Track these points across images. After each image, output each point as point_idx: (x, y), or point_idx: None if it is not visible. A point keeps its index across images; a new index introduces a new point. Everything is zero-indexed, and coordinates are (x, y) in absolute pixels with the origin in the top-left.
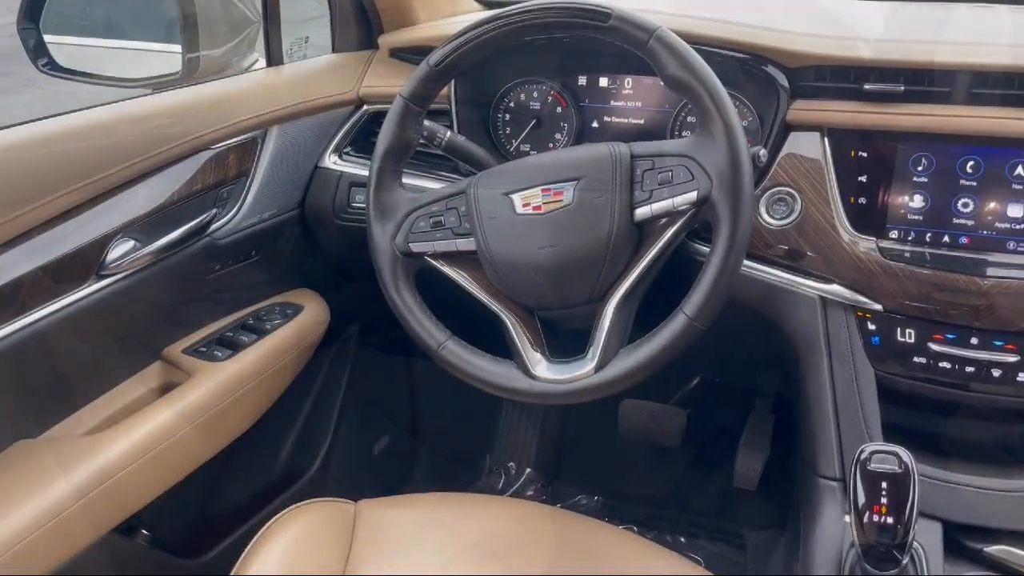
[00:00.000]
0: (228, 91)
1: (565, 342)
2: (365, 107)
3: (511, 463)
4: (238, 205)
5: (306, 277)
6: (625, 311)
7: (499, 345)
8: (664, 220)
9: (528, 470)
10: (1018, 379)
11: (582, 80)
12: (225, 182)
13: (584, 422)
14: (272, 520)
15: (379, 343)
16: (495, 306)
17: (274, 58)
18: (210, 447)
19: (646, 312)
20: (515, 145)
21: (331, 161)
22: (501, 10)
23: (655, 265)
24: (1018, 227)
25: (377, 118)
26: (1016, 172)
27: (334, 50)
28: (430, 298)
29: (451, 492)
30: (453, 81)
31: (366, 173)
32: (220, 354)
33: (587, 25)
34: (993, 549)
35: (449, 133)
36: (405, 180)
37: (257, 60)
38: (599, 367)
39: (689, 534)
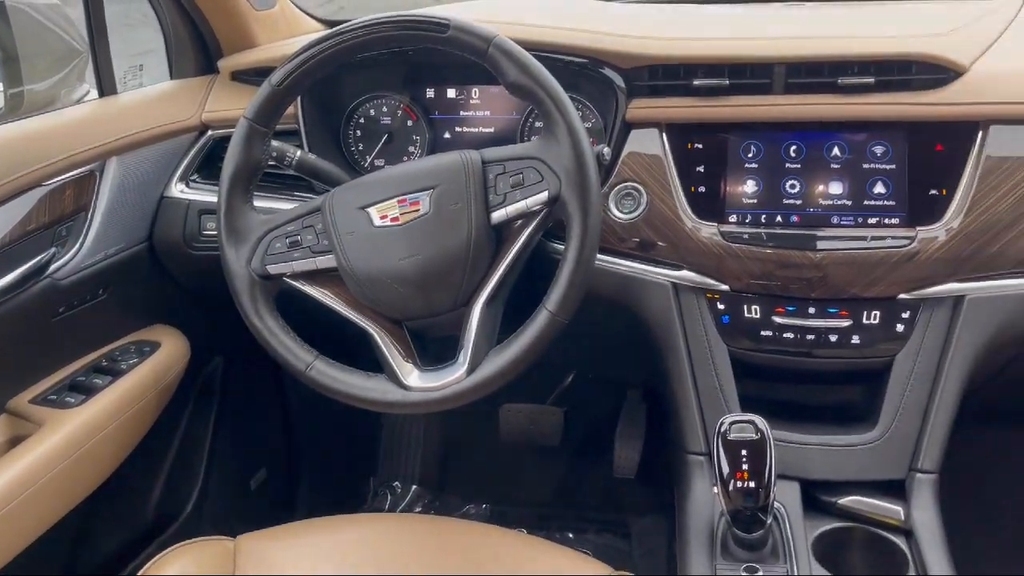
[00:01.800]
0: (58, 124)
1: (436, 350)
2: (210, 132)
3: (396, 483)
4: (79, 242)
5: (162, 312)
6: (491, 313)
7: (371, 360)
8: (520, 221)
9: (414, 487)
10: (852, 342)
11: (430, 92)
12: (63, 219)
13: (466, 431)
14: (147, 565)
15: (246, 373)
16: (361, 321)
17: (106, 88)
18: (69, 499)
19: (516, 313)
20: (369, 161)
21: (177, 190)
22: (341, 26)
23: (516, 266)
24: (839, 202)
25: (223, 143)
26: (833, 153)
27: (172, 77)
28: (295, 320)
29: (333, 516)
30: (299, 100)
31: (215, 199)
32: (72, 400)
33: (426, 37)
34: (846, 500)
35: (299, 152)
36: (258, 203)
37: (88, 91)
38: (471, 370)
39: (577, 529)
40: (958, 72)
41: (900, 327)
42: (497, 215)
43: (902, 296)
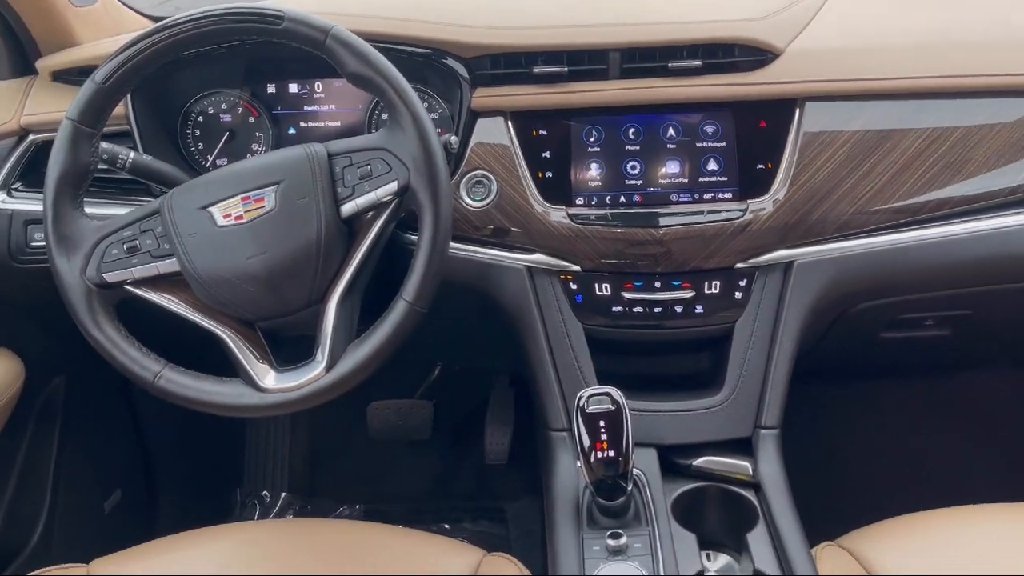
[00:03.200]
0: None
1: (293, 349)
2: (31, 137)
3: (264, 491)
4: None
5: None
6: (347, 308)
7: (227, 365)
8: (371, 213)
9: (283, 494)
10: (696, 311)
11: (271, 88)
12: None
13: (334, 433)
14: None
15: (91, 390)
16: (211, 325)
17: None
18: None
19: (377, 307)
20: (211, 160)
21: None
22: (168, 20)
23: (370, 258)
24: (677, 181)
25: (46, 147)
26: (668, 134)
27: None
28: (140, 330)
29: (194, 531)
30: (129, 99)
31: (41, 208)
32: None
33: (260, 30)
34: (699, 461)
35: (133, 154)
36: (91, 210)
37: None
38: (329, 367)
39: (452, 520)
40: (775, 54)
41: (738, 294)
42: (347, 208)
43: (738, 265)
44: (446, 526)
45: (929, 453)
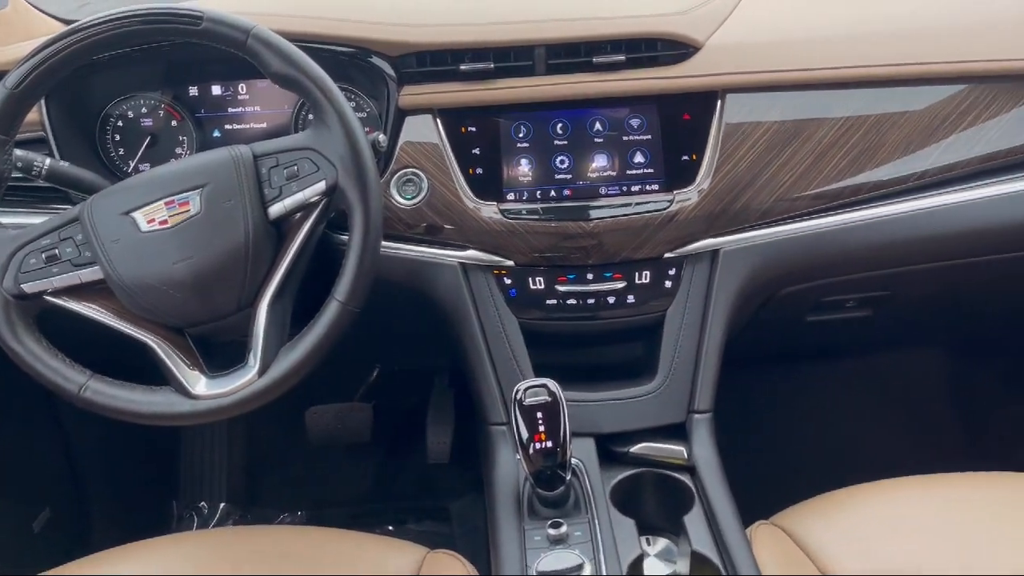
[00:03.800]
0: None
1: (226, 355)
2: None
3: (202, 503)
4: None
5: None
6: (279, 311)
7: (157, 374)
8: (299, 214)
9: (222, 505)
10: (628, 301)
11: (193, 90)
12: None
13: (273, 440)
14: None
15: (14, 407)
16: (138, 333)
17: None
18: None
19: (311, 310)
20: (132, 166)
21: None
22: (81, 22)
23: (300, 260)
24: (605, 174)
25: None
26: (595, 128)
27: None
28: (64, 342)
29: (126, 545)
30: (43, 104)
31: None
32: None
33: (178, 31)
34: (636, 448)
35: (49, 161)
36: (9, 219)
37: None
38: (262, 370)
39: (396, 522)
40: (696, 47)
41: (668, 283)
42: (274, 209)
43: (667, 255)
44: (390, 528)
45: (855, 430)
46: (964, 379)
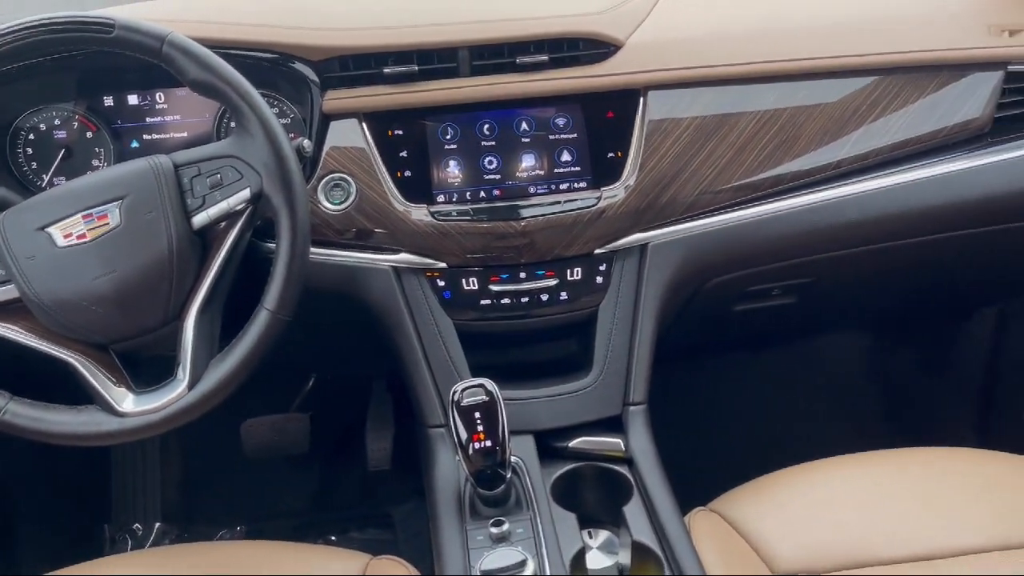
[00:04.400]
0: None
1: (154, 370)
2: None
3: (135, 524)
4: None
5: None
6: (207, 322)
7: (81, 393)
8: (224, 223)
9: (157, 525)
10: (561, 298)
11: (109, 100)
12: None
13: (208, 455)
14: None
15: None
16: (59, 352)
17: None
18: None
19: (242, 321)
20: (47, 180)
21: None
22: None
23: (227, 270)
24: (534, 173)
25: None
26: (522, 128)
27: None
28: None
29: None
30: None
31: None
32: None
33: (90, 39)
34: (574, 443)
35: None
36: None
37: None
38: (192, 384)
39: (339, 531)
40: (617, 46)
41: (599, 279)
42: (198, 219)
43: (598, 251)
44: (332, 538)
45: (785, 415)
46: (885, 361)
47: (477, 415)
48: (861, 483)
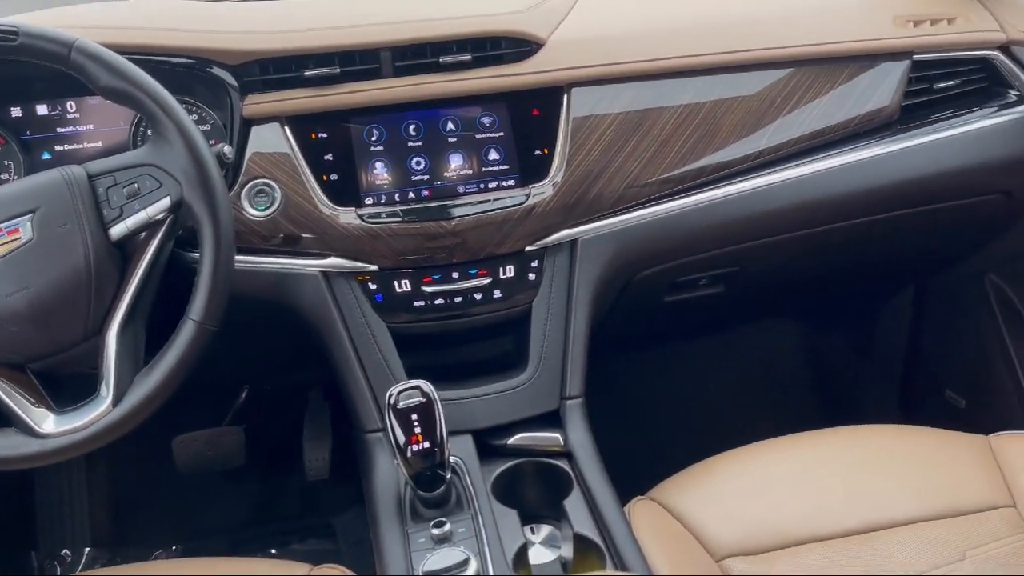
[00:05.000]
0: None
1: (75, 388)
2: None
3: (64, 550)
4: None
5: None
6: (130, 336)
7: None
8: (144, 234)
9: (87, 549)
10: (494, 296)
11: (16, 111)
12: None
13: (139, 475)
14: None
15: None
16: None
17: None
18: None
19: (168, 333)
20: None
21: None
22: None
23: (149, 281)
24: (462, 173)
25: None
26: (448, 128)
27: None
28: None
29: None
30: None
31: None
32: None
33: None
34: (513, 439)
35: None
36: None
37: None
38: (117, 400)
39: (279, 544)
40: (539, 44)
41: (532, 276)
42: (116, 230)
43: (529, 248)
44: (273, 551)
45: (719, 402)
46: (814, 346)
47: (414, 417)
48: (794, 464)
